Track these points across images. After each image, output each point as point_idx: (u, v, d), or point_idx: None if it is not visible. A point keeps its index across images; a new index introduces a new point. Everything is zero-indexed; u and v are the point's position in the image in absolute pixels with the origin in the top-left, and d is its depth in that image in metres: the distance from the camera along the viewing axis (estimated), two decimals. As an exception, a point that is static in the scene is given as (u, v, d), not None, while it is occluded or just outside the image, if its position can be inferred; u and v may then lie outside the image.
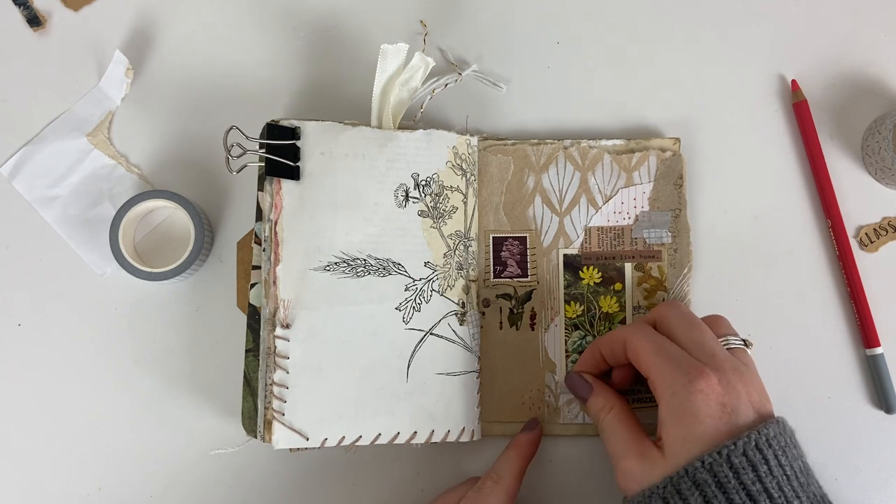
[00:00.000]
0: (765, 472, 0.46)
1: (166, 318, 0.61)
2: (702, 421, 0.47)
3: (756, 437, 0.46)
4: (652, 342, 0.51)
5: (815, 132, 0.63)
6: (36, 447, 0.60)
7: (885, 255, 0.62)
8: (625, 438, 0.51)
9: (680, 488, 0.46)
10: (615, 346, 0.54)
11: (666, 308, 0.53)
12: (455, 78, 0.62)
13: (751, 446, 0.46)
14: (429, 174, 0.57)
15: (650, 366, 0.50)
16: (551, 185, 0.61)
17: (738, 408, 0.48)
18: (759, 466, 0.46)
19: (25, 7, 0.64)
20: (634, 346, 0.52)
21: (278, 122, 0.56)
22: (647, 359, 0.50)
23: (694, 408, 0.47)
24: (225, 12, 0.64)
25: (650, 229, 0.60)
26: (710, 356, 0.49)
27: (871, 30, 0.65)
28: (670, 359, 0.49)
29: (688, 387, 0.48)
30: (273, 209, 0.55)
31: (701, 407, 0.47)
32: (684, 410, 0.47)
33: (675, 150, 0.61)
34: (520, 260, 0.60)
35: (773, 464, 0.46)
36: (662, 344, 0.51)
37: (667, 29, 0.65)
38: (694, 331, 0.51)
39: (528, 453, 0.57)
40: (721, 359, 0.49)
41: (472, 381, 0.58)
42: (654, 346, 0.51)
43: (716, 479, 0.45)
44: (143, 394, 0.60)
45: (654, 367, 0.50)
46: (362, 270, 0.55)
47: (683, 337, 0.51)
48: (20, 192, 0.62)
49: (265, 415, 0.53)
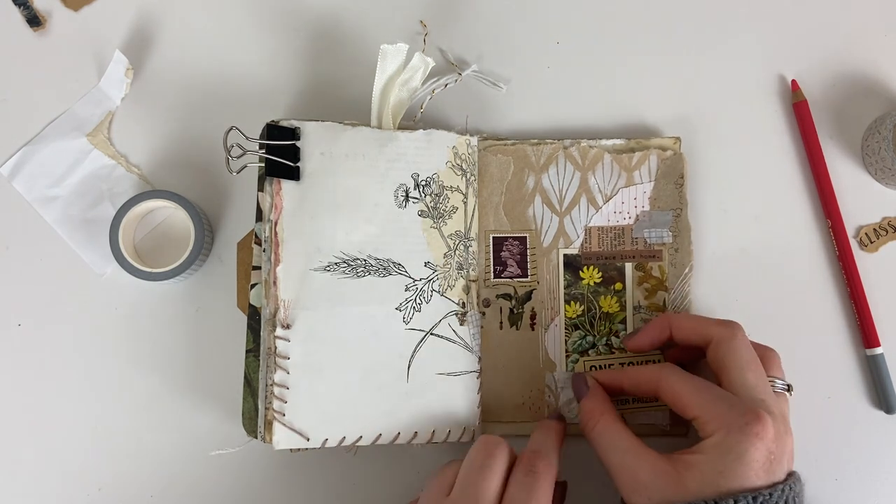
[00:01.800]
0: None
1: (166, 318, 0.61)
2: (747, 464, 0.47)
3: (788, 493, 0.47)
4: (691, 383, 0.51)
5: (815, 132, 0.63)
6: (36, 447, 0.60)
7: (885, 255, 0.62)
8: (631, 448, 0.50)
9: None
10: (641, 384, 0.54)
11: (728, 332, 0.52)
12: (455, 78, 0.62)
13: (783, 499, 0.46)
14: (429, 174, 0.57)
15: (697, 405, 0.50)
16: (551, 185, 0.61)
17: (781, 459, 0.48)
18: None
19: (25, 7, 0.63)
20: (671, 388, 0.51)
21: (278, 123, 0.56)
22: (692, 400, 0.50)
23: (743, 449, 0.47)
24: (225, 13, 0.64)
25: (651, 229, 0.60)
26: (762, 400, 0.49)
27: (871, 30, 0.65)
28: (720, 399, 0.49)
29: (744, 429, 0.47)
30: (273, 209, 0.55)
31: (751, 451, 0.47)
32: (733, 449, 0.47)
33: (675, 150, 0.61)
34: (520, 260, 0.60)
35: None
36: (706, 384, 0.50)
37: (667, 29, 0.65)
38: (749, 372, 0.50)
39: (563, 435, 0.55)
40: (770, 404, 0.49)
41: (472, 382, 0.58)
42: (695, 386, 0.50)
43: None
44: (144, 394, 0.60)
45: (704, 406, 0.49)
46: (362, 271, 0.55)
47: (735, 375, 0.51)
48: (20, 192, 0.62)
49: (266, 415, 0.53)
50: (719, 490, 0.46)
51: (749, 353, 0.51)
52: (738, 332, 0.52)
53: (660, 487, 0.48)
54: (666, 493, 0.47)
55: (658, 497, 0.48)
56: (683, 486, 0.47)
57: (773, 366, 0.54)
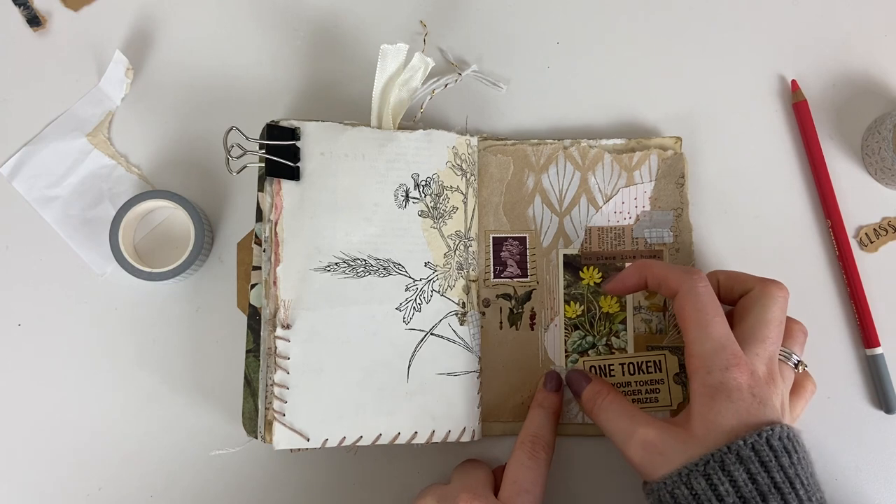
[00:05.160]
0: (796, 459, 0.47)
1: (166, 318, 0.61)
2: (734, 401, 0.47)
3: (789, 430, 0.47)
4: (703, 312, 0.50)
5: (815, 132, 0.63)
6: (36, 447, 0.60)
7: (885, 255, 0.62)
8: (631, 414, 0.51)
9: (724, 463, 0.46)
10: (663, 285, 0.53)
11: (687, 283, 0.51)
12: (455, 78, 0.62)
13: (785, 434, 0.47)
14: (429, 174, 0.57)
15: (693, 338, 0.50)
16: (551, 185, 0.61)
17: (767, 400, 0.48)
18: (792, 454, 0.47)
19: (25, 7, 0.64)
20: (683, 305, 0.51)
21: (278, 123, 0.56)
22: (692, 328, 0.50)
23: (728, 389, 0.48)
24: (225, 13, 0.64)
25: (651, 229, 0.60)
26: (756, 354, 0.50)
27: (871, 30, 0.65)
28: (714, 339, 0.49)
29: (724, 372, 0.48)
30: (273, 210, 0.55)
31: (733, 390, 0.48)
32: (718, 390, 0.48)
33: (676, 149, 0.61)
34: (520, 260, 0.60)
35: (802, 454, 0.47)
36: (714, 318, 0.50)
37: (667, 29, 0.65)
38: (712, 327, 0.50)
39: (559, 413, 0.57)
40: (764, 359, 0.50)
41: (472, 381, 0.58)
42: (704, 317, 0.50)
43: (759, 457, 0.46)
44: (144, 393, 0.60)
45: (696, 342, 0.50)
46: (363, 271, 0.55)
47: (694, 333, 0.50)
48: (20, 192, 0.62)
49: (266, 415, 0.53)
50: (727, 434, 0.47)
51: (711, 306, 0.50)
52: (698, 283, 0.51)
53: (675, 448, 0.48)
54: (682, 453, 0.48)
55: (677, 459, 0.48)
56: (695, 440, 0.48)
57: (793, 340, 0.54)
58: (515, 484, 0.53)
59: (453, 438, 0.56)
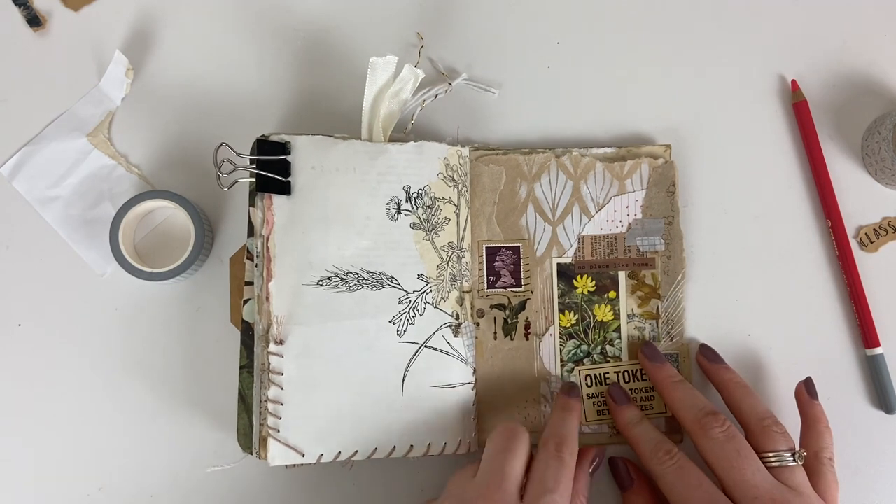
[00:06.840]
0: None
1: (166, 318, 0.61)
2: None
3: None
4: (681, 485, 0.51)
5: (814, 132, 0.62)
6: (36, 447, 0.60)
7: (885, 255, 0.62)
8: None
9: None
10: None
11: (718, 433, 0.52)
12: (445, 88, 0.61)
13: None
14: (420, 186, 0.57)
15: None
16: (544, 195, 0.60)
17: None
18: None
19: (25, 7, 0.63)
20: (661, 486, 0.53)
21: (268, 137, 0.55)
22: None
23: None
24: (225, 14, 0.64)
25: (643, 237, 0.60)
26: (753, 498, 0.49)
27: (871, 30, 0.64)
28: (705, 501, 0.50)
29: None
30: (265, 225, 0.55)
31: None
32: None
33: (666, 157, 0.61)
34: (513, 270, 0.60)
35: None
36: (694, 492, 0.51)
37: (667, 29, 0.64)
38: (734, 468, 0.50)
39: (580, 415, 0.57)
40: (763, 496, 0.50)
41: (467, 393, 0.58)
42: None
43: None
44: (144, 393, 0.60)
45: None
46: (355, 284, 0.55)
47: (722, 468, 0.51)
48: (20, 192, 0.62)
49: (260, 431, 0.54)
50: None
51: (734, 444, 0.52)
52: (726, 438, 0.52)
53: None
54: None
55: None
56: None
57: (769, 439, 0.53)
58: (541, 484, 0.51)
59: (450, 451, 0.56)
